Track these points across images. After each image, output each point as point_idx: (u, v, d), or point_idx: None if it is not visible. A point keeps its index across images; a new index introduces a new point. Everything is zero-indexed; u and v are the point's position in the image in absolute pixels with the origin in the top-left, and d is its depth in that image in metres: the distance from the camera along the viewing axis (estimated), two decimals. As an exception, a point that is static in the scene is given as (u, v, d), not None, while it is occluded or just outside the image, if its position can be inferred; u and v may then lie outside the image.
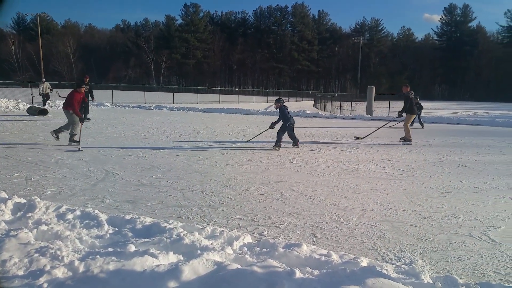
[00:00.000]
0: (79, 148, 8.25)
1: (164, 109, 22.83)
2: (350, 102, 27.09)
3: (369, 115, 20.37)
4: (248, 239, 3.36)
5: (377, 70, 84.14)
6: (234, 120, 17.29)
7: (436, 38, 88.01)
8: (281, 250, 2.94)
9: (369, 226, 4.12)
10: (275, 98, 11.91)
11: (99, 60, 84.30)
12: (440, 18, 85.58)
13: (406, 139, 10.61)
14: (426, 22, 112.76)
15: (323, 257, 2.90)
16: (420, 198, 5.25)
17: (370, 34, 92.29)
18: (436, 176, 6.60)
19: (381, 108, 25.54)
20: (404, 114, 10.70)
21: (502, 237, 3.85)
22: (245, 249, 3.12)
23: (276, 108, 9.80)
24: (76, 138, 8.75)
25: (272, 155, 8.28)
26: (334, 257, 2.92)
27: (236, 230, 3.79)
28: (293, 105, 38.55)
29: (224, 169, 6.80)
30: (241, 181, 5.92)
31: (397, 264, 3.08)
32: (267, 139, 10.19)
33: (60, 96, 14.42)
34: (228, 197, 5.05)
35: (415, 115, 11.09)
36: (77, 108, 8.66)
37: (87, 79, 13.63)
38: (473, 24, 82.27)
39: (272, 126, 9.59)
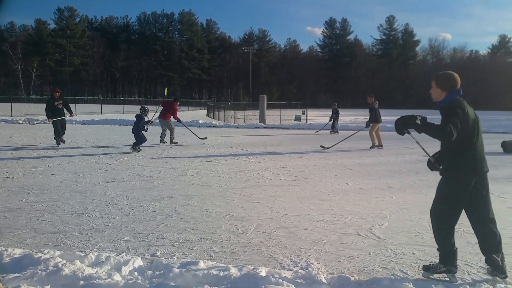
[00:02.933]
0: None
1: (35, 122, 20.51)
2: (244, 111, 27.90)
3: (262, 123, 21.20)
4: (138, 262, 3.15)
5: (267, 80, 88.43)
6: (120, 132, 16.38)
7: (319, 50, 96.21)
8: (176, 270, 2.82)
9: (267, 235, 4.22)
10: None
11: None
12: (322, 31, 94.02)
13: (376, 146, 11.73)
14: (309, 35, 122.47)
15: (222, 272, 2.86)
16: (312, 202, 5.59)
17: (258, 44, 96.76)
18: (326, 180, 7.12)
19: (273, 116, 26.86)
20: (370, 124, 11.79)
21: (386, 233, 4.29)
22: (136, 274, 2.92)
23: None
24: (175, 140, 12.19)
25: (163, 169, 8.02)
26: (233, 270, 2.90)
27: (124, 253, 3.55)
28: (185, 114, 38.19)
29: (108, 186, 6.35)
30: (129, 199, 5.60)
31: (294, 269, 3.21)
32: (161, 151, 9.86)
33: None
34: (114, 218, 4.71)
35: (379, 123, 11.94)
36: (176, 115, 12.35)
37: (58, 93, 11.53)
38: (351, 37, 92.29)
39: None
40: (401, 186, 6.76)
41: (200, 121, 20.60)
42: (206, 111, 45.40)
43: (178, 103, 12.99)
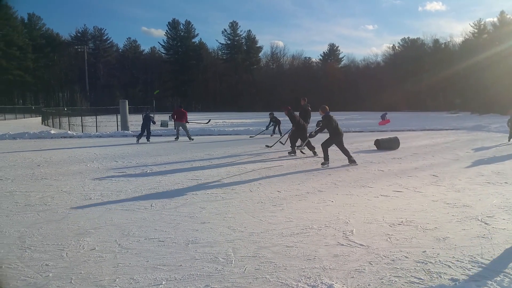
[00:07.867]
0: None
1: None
2: (95, 117, 25.35)
3: (126, 131, 19.70)
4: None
5: (108, 82, 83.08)
6: None
7: (163, 52, 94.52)
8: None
9: (253, 259, 3.87)
10: None
11: None
12: (166, 33, 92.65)
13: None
14: (146, 35, 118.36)
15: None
16: (265, 215, 5.37)
17: (94, 43, 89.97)
18: (255, 189, 6.97)
19: (130, 122, 25.17)
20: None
21: (364, 240, 4.38)
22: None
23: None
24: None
25: (54, 193, 6.69)
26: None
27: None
28: (15, 123, 33.01)
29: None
30: (44, 237, 4.51)
31: (342, 295, 3.00)
32: (29, 170, 8.16)
33: None
34: (47, 265, 3.70)
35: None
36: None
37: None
38: (196, 40, 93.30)
39: None
40: (329, 188, 7.06)
41: (52, 132, 17.82)
42: (40, 118, 39.96)
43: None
